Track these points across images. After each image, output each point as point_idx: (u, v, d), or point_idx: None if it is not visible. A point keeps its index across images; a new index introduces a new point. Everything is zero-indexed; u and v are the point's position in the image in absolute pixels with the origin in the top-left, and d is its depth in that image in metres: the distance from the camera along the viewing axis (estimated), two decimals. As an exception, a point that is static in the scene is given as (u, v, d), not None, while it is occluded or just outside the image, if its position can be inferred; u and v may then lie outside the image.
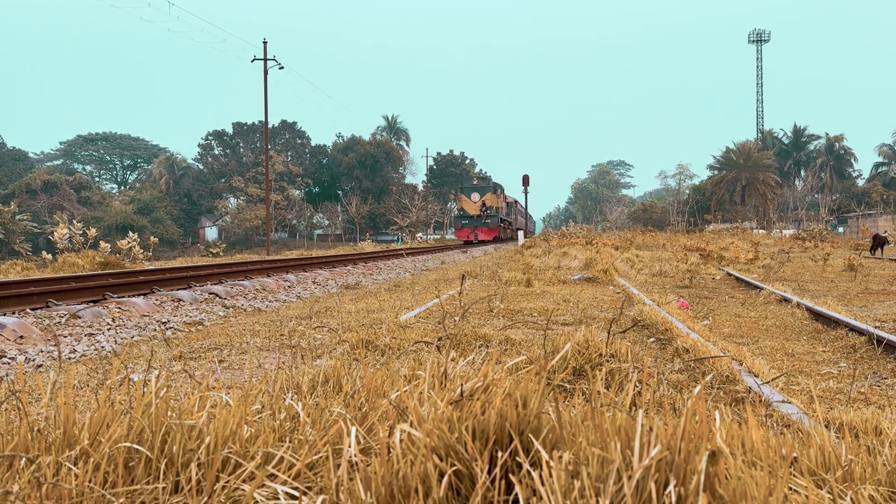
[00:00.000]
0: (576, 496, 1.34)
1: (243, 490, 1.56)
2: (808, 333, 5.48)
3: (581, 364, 3.22)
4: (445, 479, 1.44)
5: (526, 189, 46.69)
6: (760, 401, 2.94)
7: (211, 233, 74.32)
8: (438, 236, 69.05)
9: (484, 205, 43.09)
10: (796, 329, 5.72)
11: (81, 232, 18.74)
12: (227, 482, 1.59)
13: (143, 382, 1.97)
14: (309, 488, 1.60)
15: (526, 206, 53.47)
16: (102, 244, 18.45)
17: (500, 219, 44.39)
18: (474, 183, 45.83)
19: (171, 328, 6.08)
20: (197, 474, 1.61)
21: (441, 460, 1.51)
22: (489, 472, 1.51)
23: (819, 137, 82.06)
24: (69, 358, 4.74)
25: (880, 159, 79.94)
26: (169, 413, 1.79)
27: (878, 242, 19.50)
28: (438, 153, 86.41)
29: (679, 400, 2.93)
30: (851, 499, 1.53)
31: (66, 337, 5.30)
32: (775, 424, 2.61)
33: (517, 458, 1.50)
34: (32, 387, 3.55)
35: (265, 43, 34.33)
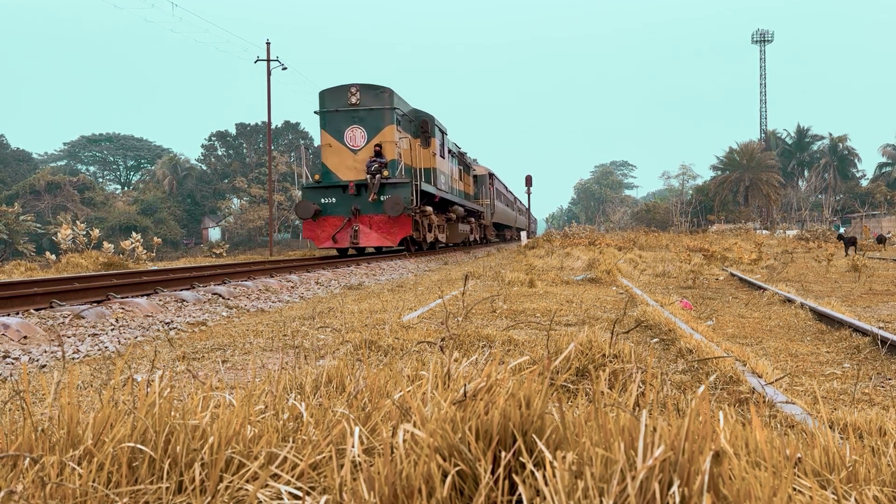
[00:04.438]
0: (579, 496, 1.34)
1: (247, 490, 1.57)
2: (811, 334, 5.46)
3: (584, 364, 3.22)
4: (449, 479, 1.44)
5: (529, 189, 46.68)
6: (764, 401, 2.93)
7: (214, 233, 74.40)
8: None
9: (377, 156, 17.88)
10: (800, 330, 5.70)
11: (85, 232, 18.79)
12: (230, 482, 1.59)
13: (147, 382, 1.97)
14: (312, 488, 1.60)
15: (529, 205, 53.35)
16: (106, 245, 18.49)
17: (417, 189, 18.17)
18: (351, 102, 18.37)
19: (174, 328, 6.09)
20: (200, 474, 1.61)
21: (444, 460, 1.51)
22: (492, 473, 1.51)
23: (823, 138, 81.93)
24: (73, 358, 4.74)
25: (884, 160, 79.74)
26: (172, 413, 1.79)
27: (849, 243, 19.47)
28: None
29: (683, 400, 2.93)
30: (856, 499, 1.52)
31: (69, 337, 5.31)
32: (779, 425, 2.60)
33: (520, 459, 1.50)
34: (36, 387, 3.56)
35: (268, 44, 34.38)
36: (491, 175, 34.91)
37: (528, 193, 47.58)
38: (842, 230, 51.81)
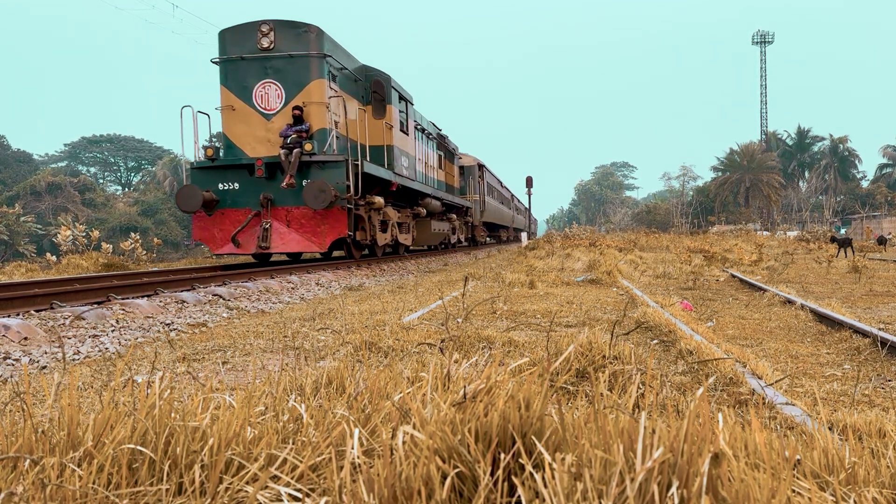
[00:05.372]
0: (578, 498, 1.34)
1: (247, 492, 1.57)
2: (812, 335, 5.46)
3: (584, 366, 3.22)
4: (448, 480, 1.44)
5: (530, 190, 46.71)
6: (764, 403, 2.93)
7: (214, 234, 74.26)
8: None
9: (297, 122, 11.93)
10: (800, 331, 5.70)
11: (85, 234, 18.81)
12: (230, 484, 1.60)
13: (147, 384, 1.97)
14: (312, 490, 1.60)
15: (529, 206, 53.36)
16: (105, 245, 18.51)
17: (358, 171, 12.26)
18: (262, 46, 12.00)
19: (174, 330, 6.09)
20: (200, 476, 1.62)
21: (444, 462, 1.52)
22: (492, 475, 1.51)
23: (823, 139, 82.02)
24: (73, 359, 4.75)
25: (885, 161, 79.84)
26: (173, 414, 1.80)
27: (842, 244, 19.27)
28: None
29: (682, 402, 2.93)
30: (855, 501, 1.52)
31: (70, 338, 5.31)
32: (779, 427, 2.60)
33: (520, 460, 1.50)
34: (37, 388, 3.56)
35: (269, 45, 34.29)
36: (481, 166, 28.82)
37: (529, 194, 47.61)
38: (842, 231, 51.73)
